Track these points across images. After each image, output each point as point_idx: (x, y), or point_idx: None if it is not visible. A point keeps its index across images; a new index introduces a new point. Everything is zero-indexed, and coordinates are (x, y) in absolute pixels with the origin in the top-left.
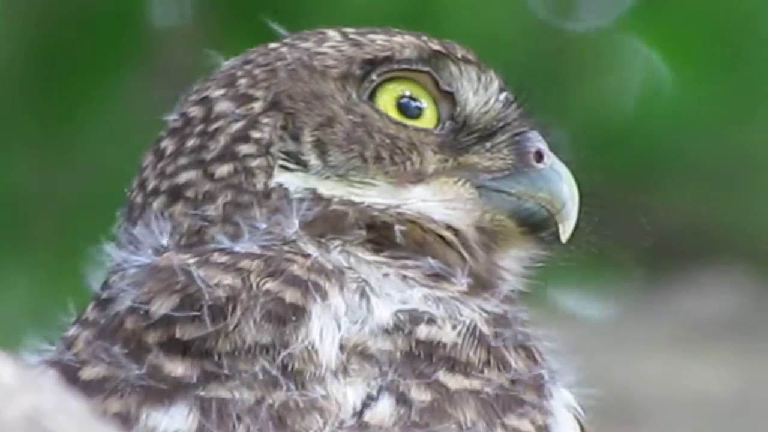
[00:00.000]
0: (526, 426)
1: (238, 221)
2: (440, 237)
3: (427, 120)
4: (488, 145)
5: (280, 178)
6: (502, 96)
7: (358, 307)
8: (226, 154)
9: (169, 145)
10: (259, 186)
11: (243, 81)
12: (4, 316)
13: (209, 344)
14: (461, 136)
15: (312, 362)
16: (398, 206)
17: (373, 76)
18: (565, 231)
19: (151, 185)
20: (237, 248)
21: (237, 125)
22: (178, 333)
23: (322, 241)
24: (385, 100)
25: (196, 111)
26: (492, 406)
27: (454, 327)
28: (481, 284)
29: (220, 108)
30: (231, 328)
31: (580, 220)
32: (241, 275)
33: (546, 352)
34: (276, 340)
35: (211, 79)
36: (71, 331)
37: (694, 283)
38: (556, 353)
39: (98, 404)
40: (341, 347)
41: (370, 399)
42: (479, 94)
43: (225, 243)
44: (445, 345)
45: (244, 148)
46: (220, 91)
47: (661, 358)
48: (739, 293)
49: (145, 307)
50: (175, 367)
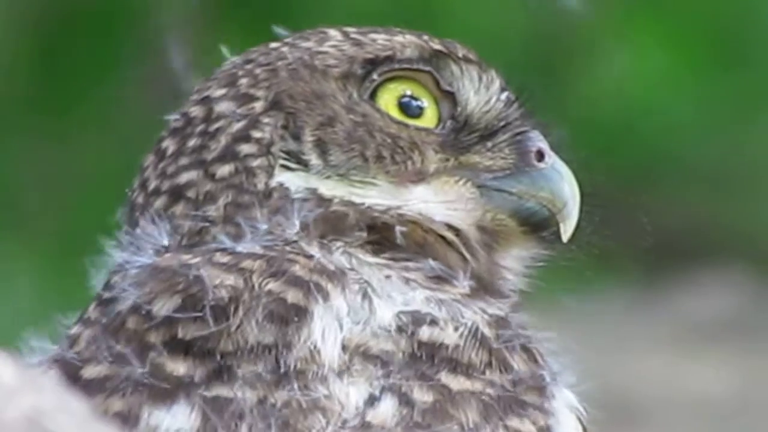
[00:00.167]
0: (528, 427)
1: (240, 221)
2: (441, 237)
3: (428, 119)
4: (489, 144)
5: (281, 177)
6: (504, 95)
7: (360, 308)
8: (227, 154)
9: (170, 145)
10: (260, 186)
11: (244, 81)
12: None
13: (211, 344)
14: (462, 136)
15: (314, 362)
16: (399, 207)
17: (374, 76)
18: (567, 230)
19: (152, 185)
20: (239, 248)
21: (238, 125)
22: (180, 333)
23: (324, 242)
24: (386, 100)
25: (197, 111)
26: (494, 408)
27: (456, 329)
28: (482, 286)
29: (221, 108)
30: (233, 328)
31: (581, 220)
32: (244, 275)
33: (547, 353)
34: (278, 341)
35: (212, 79)
36: (73, 330)
37: (694, 284)
38: (557, 354)
39: (100, 403)
40: (344, 347)
41: (373, 399)
42: (480, 93)
43: (227, 243)
44: (447, 346)
45: (245, 148)
46: (221, 91)
47: (661, 358)
48: (738, 293)
49: (147, 308)
50: (177, 367)
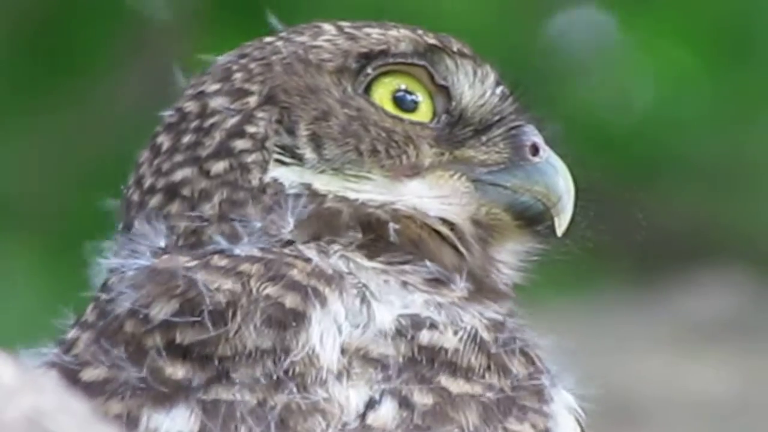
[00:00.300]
0: (527, 430)
1: (234, 220)
2: (436, 232)
3: (423, 114)
4: (484, 138)
5: (276, 172)
6: (498, 90)
7: (358, 312)
8: (221, 151)
9: (165, 141)
10: (255, 182)
11: (238, 75)
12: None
13: (210, 349)
14: (457, 130)
15: (313, 366)
16: (393, 202)
17: (369, 70)
18: (561, 224)
19: (147, 183)
20: (237, 251)
21: (232, 120)
22: (178, 338)
23: (321, 244)
24: (381, 94)
25: (191, 106)
26: (493, 411)
27: (455, 333)
28: (478, 285)
29: (216, 103)
30: (231, 333)
31: (576, 214)
32: (241, 279)
33: (545, 355)
34: (276, 345)
35: (206, 74)
36: (71, 333)
37: (694, 284)
38: (555, 356)
39: (99, 406)
40: (343, 351)
41: (373, 402)
42: (475, 87)
43: (224, 244)
44: (446, 350)
45: (240, 144)
46: (216, 86)
47: (661, 358)
48: (738, 294)
49: (145, 311)
50: (175, 370)
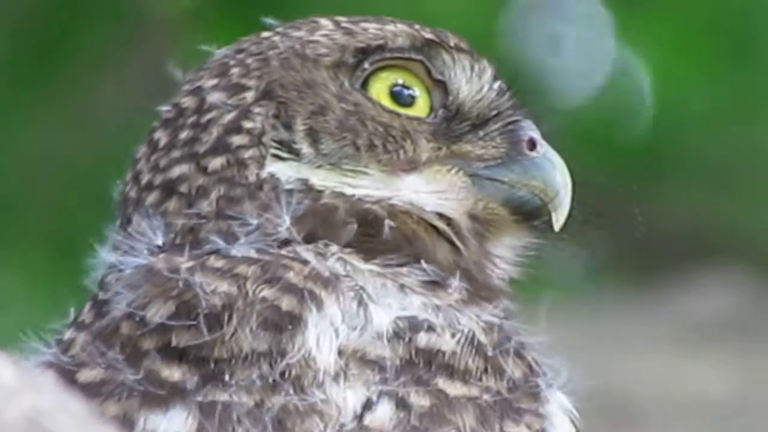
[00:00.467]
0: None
1: (231, 217)
2: (432, 227)
3: (420, 108)
4: (481, 133)
5: (273, 167)
6: (496, 85)
7: (355, 314)
8: (218, 147)
9: (162, 136)
10: (251, 178)
11: (235, 70)
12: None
13: (206, 352)
14: (454, 125)
15: (310, 368)
16: (390, 198)
17: (366, 65)
18: (558, 219)
19: (144, 179)
20: (233, 251)
21: (229, 116)
22: (174, 340)
23: (318, 245)
24: (378, 89)
25: (188, 101)
26: (490, 413)
27: (453, 335)
28: (474, 284)
29: (213, 98)
30: (227, 336)
31: (572, 209)
32: (237, 282)
33: (542, 357)
34: (273, 348)
35: (203, 69)
36: (68, 334)
37: (694, 284)
38: (552, 357)
39: (96, 407)
40: (340, 353)
41: (370, 403)
42: (472, 82)
43: (220, 244)
44: (444, 353)
45: (237, 139)
46: (213, 81)
47: (661, 358)
48: (738, 294)
49: (141, 313)
50: (172, 373)
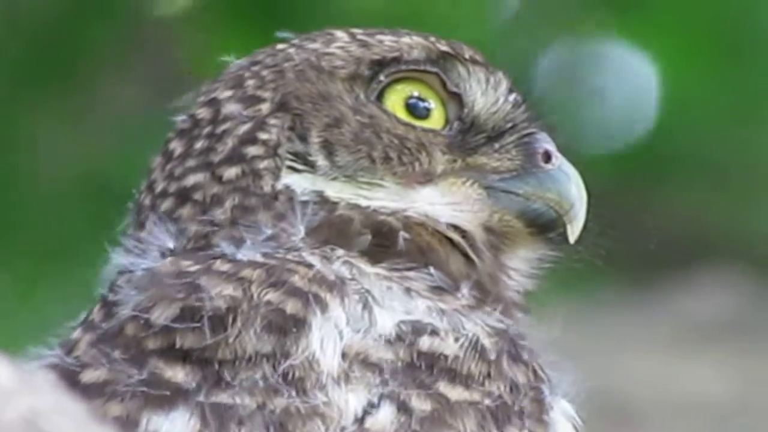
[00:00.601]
0: None
1: (246, 226)
2: (447, 239)
3: (435, 121)
4: (496, 145)
5: (288, 179)
6: (511, 97)
7: (360, 317)
8: (233, 156)
9: (177, 146)
10: (267, 188)
11: (251, 82)
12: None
13: (209, 354)
14: (469, 137)
15: (313, 370)
16: (405, 210)
17: (381, 77)
18: (573, 232)
19: (159, 187)
20: (239, 256)
21: (245, 127)
22: (178, 342)
23: (325, 249)
24: (393, 101)
25: (204, 112)
26: (492, 418)
27: (456, 340)
28: (484, 293)
29: (228, 109)
30: (231, 339)
31: (588, 221)
32: (242, 285)
33: (546, 364)
34: (277, 350)
35: (219, 80)
36: (75, 334)
37: (693, 284)
38: (555, 364)
39: (98, 408)
40: (343, 355)
41: (372, 406)
42: (487, 94)
43: (228, 249)
44: (446, 357)
45: (252, 150)
46: (228, 93)
47: (659, 359)
48: (737, 294)
49: (146, 316)
50: (175, 374)
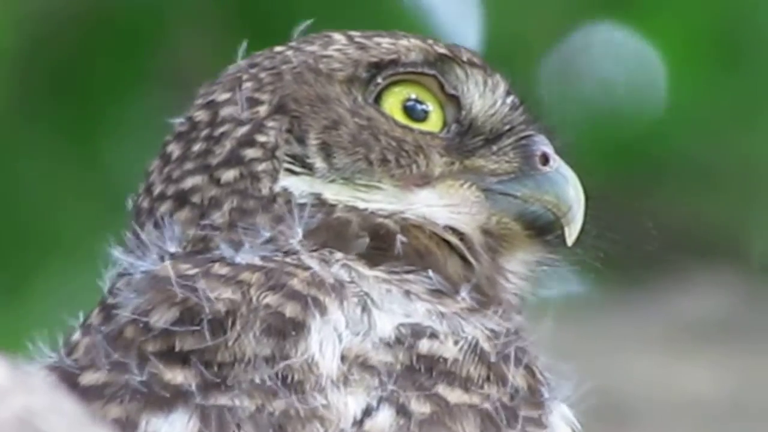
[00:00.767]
0: None
1: (244, 228)
2: (445, 242)
3: (433, 123)
4: (494, 148)
5: (286, 182)
6: (509, 99)
7: (359, 320)
8: (231, 159)
9: (175, 149)
10: (265, 191)
11: (248, 85)
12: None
13: (209, 356)
14: (467, 139)
15: (312, 373)
16: (403, 212)
17: (379, 80)
18: (571, 234)
19: (157, 190)
20: (238, 259)
21: (243, 129)
22: (178, 345)
23: (323, 252)
24: (391, 103)
25: (202, 115)
26: (491, 421)
27: (456, 342)
28: (482, 296)
29: (226, 112)
30: (230, 342)
31: (585, 223)
32: (241, 288)
33: (545, 367)
34: (276, 353)
35: (217, 83)
36: (74, 336)
37: (687, 285)
38: (554, 367)
39: (98, 410)
40: (343, 358)
41: (371, 409)
42: (485, 97)
43: (227, 252)
44: (446, 360)
45: (250, 153)
46: (226, 95)
47: (653, 359)
48: (731, 294)
49: (145, 319)
50: (174, 376)
